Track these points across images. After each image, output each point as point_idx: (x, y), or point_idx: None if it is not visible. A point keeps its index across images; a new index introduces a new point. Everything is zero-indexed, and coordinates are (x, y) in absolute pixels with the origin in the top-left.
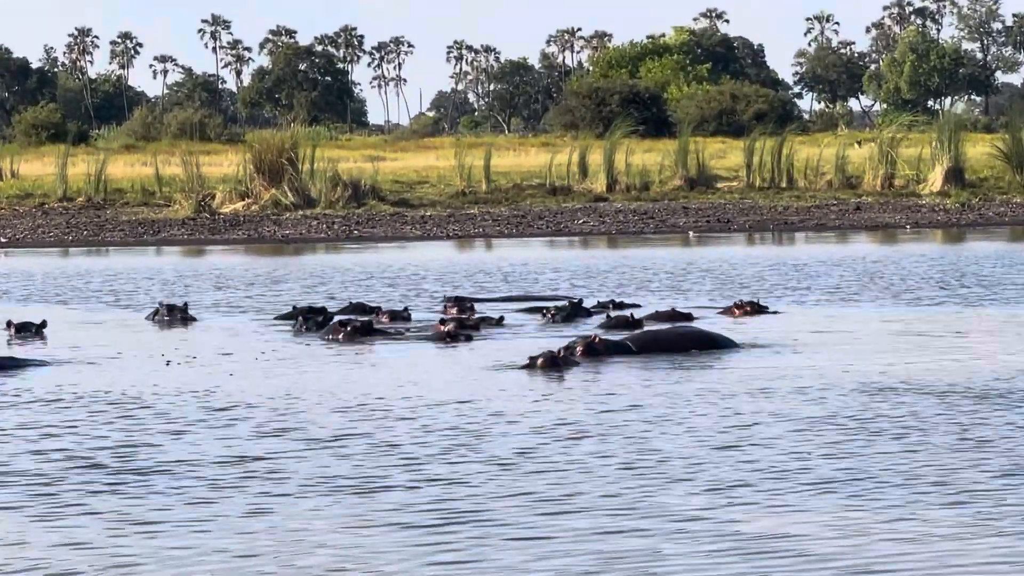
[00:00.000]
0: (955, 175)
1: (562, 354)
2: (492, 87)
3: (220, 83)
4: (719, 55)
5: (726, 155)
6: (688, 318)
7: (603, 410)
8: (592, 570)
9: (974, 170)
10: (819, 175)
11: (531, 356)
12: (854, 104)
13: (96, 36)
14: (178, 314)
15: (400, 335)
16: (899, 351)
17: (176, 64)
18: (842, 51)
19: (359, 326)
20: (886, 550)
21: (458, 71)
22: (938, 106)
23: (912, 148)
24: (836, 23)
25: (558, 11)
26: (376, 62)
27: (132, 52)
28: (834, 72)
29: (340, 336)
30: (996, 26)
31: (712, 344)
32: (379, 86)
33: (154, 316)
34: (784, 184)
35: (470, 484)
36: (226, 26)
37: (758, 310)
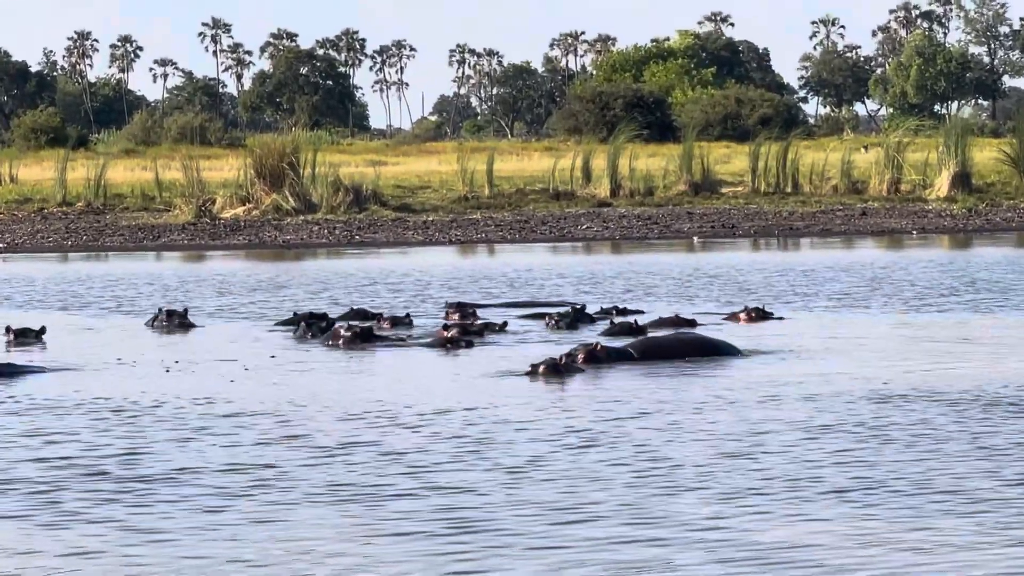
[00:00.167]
0: (962, 180)
1: (564, 361)
2: (495, 91)
3: (221, 87)
4: (724, 59)
5: (731, 160)
6: (692, 324)
7: (610, 418)
8: None
9: (981, 175)
10: (824, 180)
11: (533, 363)
12: (860, 108)
13: (96, 39)
14: (177, 320)
15: (401, 341)
16: (908, 357)
17: (176, 68)
18: (848, 55)
19: (359, 332)
20: (901, 560)
21: (461, 75)
22: (945, 110)
23: (918, 153)
24: (842, 27)
25: (562, 14)
26: (378, 66)
27: (132, 55)
28: (840, 76)
29: (340, 342)
30: (1003, 30)
31: (714, 351)
32: (381, 90)
33: (153, 322)
34: (789, 189)
35: (479, 492)
36: (227, 29)
37: (764, 316)
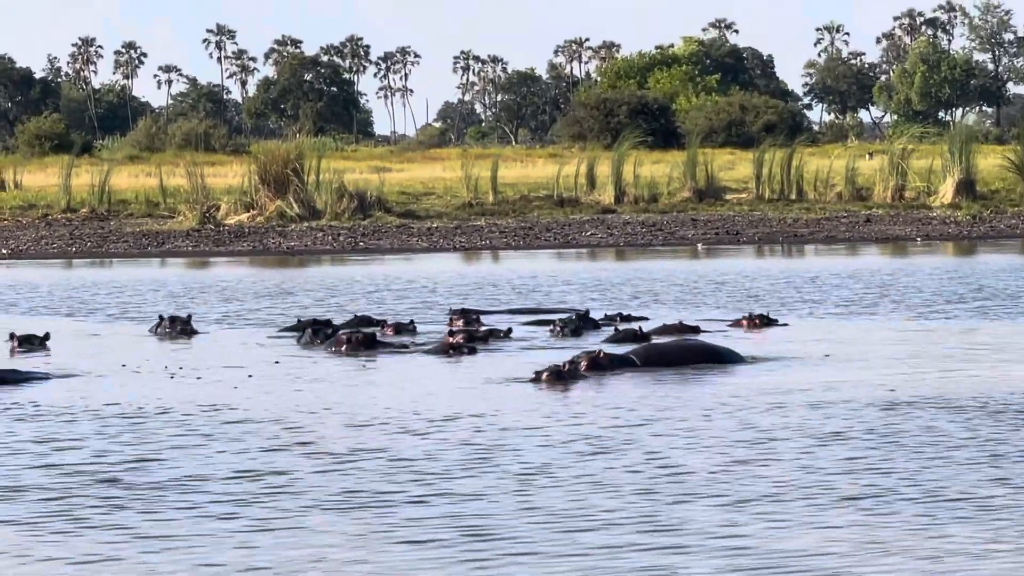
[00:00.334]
0: (966, 187)
1: (567, 368)
2: (499, 98)
3: (225, 93)
4: (728, 66)
5: (735, 167)
6: (696, 331)
7: (618, 424)
8: None
9: (985, 182)
10: (829, 187)
11: (537, 370)
12: (864, 115)
13: (100, 46)
14: (179, 326)
15: (404, 348)
16: (915, 364)
17: (181, 74)
18: (852, 62)
19: (362, 339)
20: (914, 567)
21: (465, 81)
22: (949, 117)
23: (923, 160)
24: (846, 33)
25: (566, 21)
26: (382, 72)
27: (136, 62)
28: (844, 83)
29: (343, 348)
30: (1008, 37)
31: (717, 358)
32: (385, 96)
33: (156, 328)
34: (794, 196)
35: (490, 499)
36: (231, 36)
37: (768, 323)
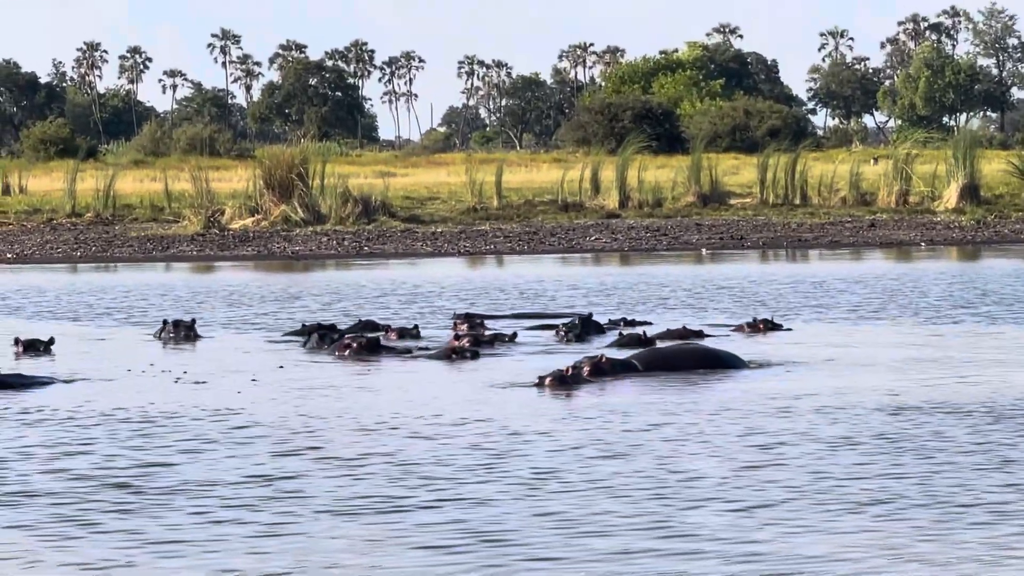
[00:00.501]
0: (970, 192)
1: (570, 373)
2: (504, 102)
3: (230, 98)
4: (732, 71)
5: (739, 171)
6: (700, 336)
7: (624, 429)
8: None
9: (989, 187)
10: (833, 192)
11: (540, 375)
12: (868, 120)
13: (105, 50)
14: (183, 331)
15: (408, 352)
16: (921, 369)
17: (185, 79)
18: (856, 67)
19: (365, 343)
20: (922, 572)
21: (469, 86)
22: (953, 122)
23: (927, 165)
24: (850, 39)
25: (570, 26)
26: (387, 77)
27: (141, 67)
28: (848, 88)
29: (346, 353)
30: (1012, 42)
31: (718, 362)
32: (390, 101)
33: (160, 333)
34: (798, 201)
35: (497, 504)
36: (236, 41)
37: (772, 328)
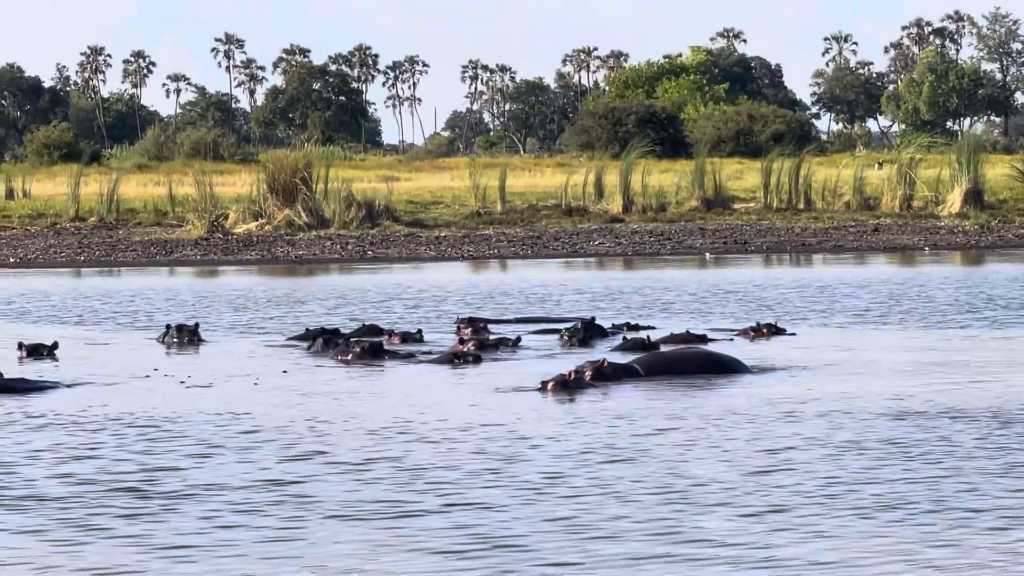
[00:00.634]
0: (974, 197)
1: (572, 377)
2: (507, 107)
3: (233, 102)
4: (736, 75)
5: (743, 176)
6: (703, 340)
7: (628, 434)
8: None
9: (993, 192)
10: (837, 196)
11: (543, 380)
12: (872, 125)
13: (109, 55)
14: (187, 335)
15: (411, 357)
16: (927, 374)
17: (189, 83)
18: (860, 71)
19: (367, 347)
20: None
21: (473, 91)
22: (957, 127)
23: (931, 169)
24: (854, 43)
25: (574, 30)
26: (391, 81)
27: (145, 71)
28: (852, 93)
29: (348, 357)
30: (1016, 47)
31: (721, 367)
32: (394, 106)
33: (164, 337)
34: (802, 205)
35: (502, 509)
36: (240, 45)
37: (776, 332)
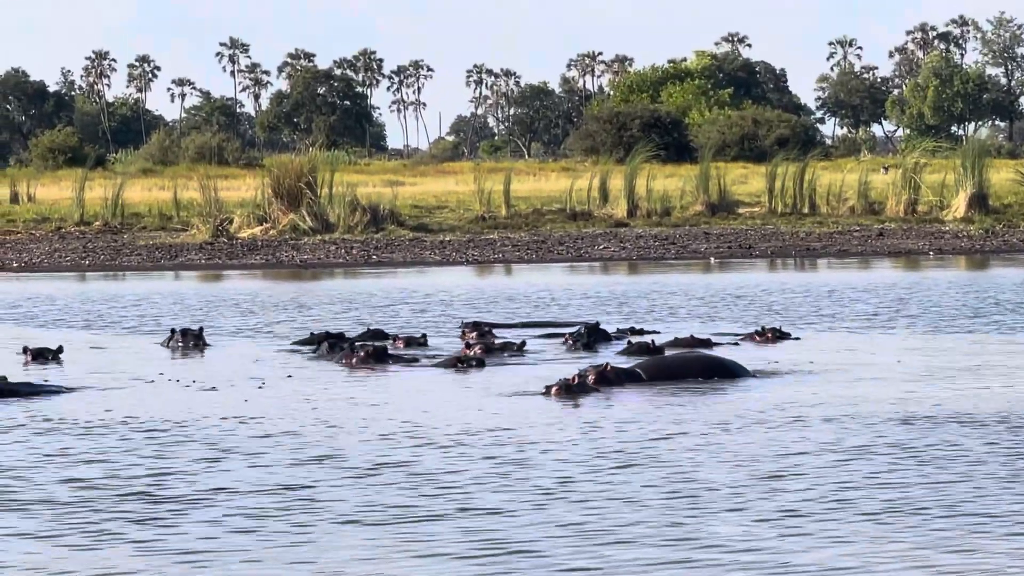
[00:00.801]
0: (979, 201)
1: (575, 381)
2: (512, 111)
3: (238, 107)
4: (741, 80)
5: (748, 180)
6: (707, 344)
7: (635, 438)
8: None
9: (998, 196)
10: (842, 201)
11: (547, 384)
12: (877, 129)
13: (114, 59)
14: (192, 340)
15: (415, 361)
16: (934, 379)
17: (194, 87)
18: (865, 76)
19: (371, 352)
20: None
21: (478, 95)
22: (962, 132)
23: (935, 174)
24: (859, 48)
25: (579, 35)
26: (395, 86)
27: (150, 75)
28: (857, 97)
29: (352, 361)
30: (1020, 51)
31: (722, 371)
32: (398, 110)
33: (168, 342)
34: (806, 210)
35: (511, 514)
36: (244, 49)
37: (781, 336)
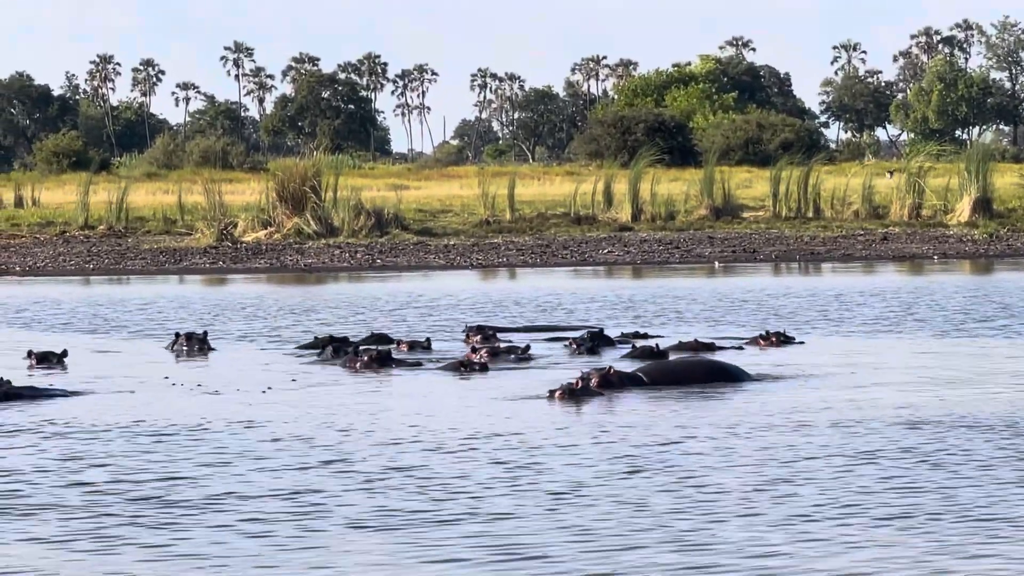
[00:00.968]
0: (983, 205)
1: (579, 385)
2: (516, 115)
3: (243, 111)
4: (745, 84)
5: (752, 185)
6: (711, 348)
7: (644, 443)
8: None
9: (1002, 200)
10: (846, 205)
11: (550, 388)
12: (881, 134)
13: (118, 63)
14: (196, 343)
15: (419, 365)
16: (940, 383)
17: (198, 91)
18: (869, 80)
19: (375, 356)
20: None
21: (482, 99)
22: (966, 136)
23: (940, 178)
24: (863, 52)
25: (583, 39)
26: (400, 90)
27: (154, 79)
28: (861, 101)
29: (356, 365)
30: None
31: (725, 375)
32: (403, 114)
33: (173, 346)
34: (810, 214)
35: (521, 518)
36: (249, 53)
37: (785, 340)
